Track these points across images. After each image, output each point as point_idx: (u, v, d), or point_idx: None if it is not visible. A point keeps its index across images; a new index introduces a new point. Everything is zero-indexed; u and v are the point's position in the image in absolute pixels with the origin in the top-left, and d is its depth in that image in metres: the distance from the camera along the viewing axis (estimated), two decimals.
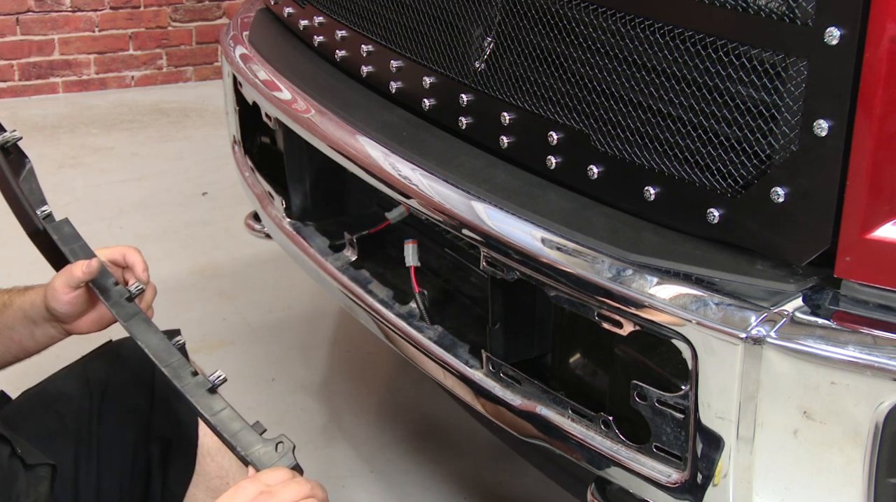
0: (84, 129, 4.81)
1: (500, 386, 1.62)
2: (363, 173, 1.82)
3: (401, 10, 1.86)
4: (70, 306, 1.67)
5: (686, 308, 1.30)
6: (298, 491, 1.35)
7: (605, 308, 1.39)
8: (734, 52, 1.27)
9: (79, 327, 1.72)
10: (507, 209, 1.53)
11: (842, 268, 1.24)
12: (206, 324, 3.11)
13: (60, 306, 1.66)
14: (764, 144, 1.27)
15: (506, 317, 1.63)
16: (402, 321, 1.84)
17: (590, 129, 1.49)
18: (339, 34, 2.07)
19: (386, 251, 2.00)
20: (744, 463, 1.29)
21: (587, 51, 1.47)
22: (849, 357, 1.19)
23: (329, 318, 3.20)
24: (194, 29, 5.46)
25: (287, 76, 2.12)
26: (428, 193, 1.65)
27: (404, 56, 1.86)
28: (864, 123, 1.17)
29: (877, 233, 1.21)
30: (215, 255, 3.57)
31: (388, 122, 1.87)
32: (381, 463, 2.56)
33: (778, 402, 1.24)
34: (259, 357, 2.97)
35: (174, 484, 1.74)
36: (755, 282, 1.29)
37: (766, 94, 1.25)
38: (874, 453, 1.20)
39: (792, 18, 1.21)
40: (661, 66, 1.37)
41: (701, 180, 1.35)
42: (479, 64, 1.67)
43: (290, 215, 2.21)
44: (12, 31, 5.09)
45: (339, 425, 2.69)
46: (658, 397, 1.36)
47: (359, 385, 2.89)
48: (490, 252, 1.54)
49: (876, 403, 1.18)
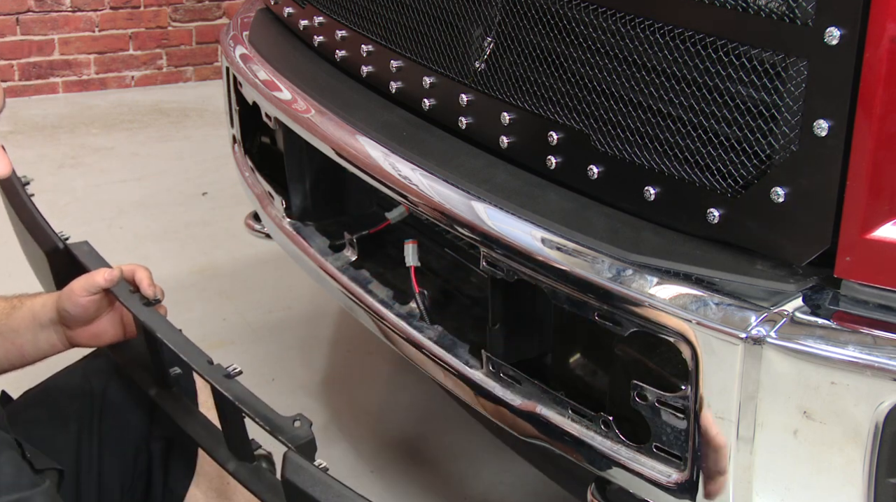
0: (84, 129, 4.80)
1: (500, 386, 1.62)
2: (363, 173, 1.82)
3: (401, 10, 1.86)
4: (83, 310, 1.70)
5: (686, 308, 1.30)
6: None
7: (605, 308, 1.39)
8: (734, 52, 1.27)
9: (80, 336, 1.74)
10: (507, 209, 1.53)
11: (842, 268, 1.24)
12: (206, 324, 3.11)
13: (74, 308, 1.69)
14: (764, 144, 1.27)
15: (506, 317, 1.63)
16: (402, 321, 1.84)
17: (590, 129, 1.49)
18: (339, 34, 2.07)
19: (386, 251, 1.99)
20: (744, 463, 1.29)
21: (587, 51, 1.47)
22: (849, 357, 1.19)
23: (329, 318, 3.20)
24: (194, 29, 5.46)
25: (287, 76, 2.12)
26: (428, 193, 1.65)
27: (404, 56, 1.86)
28: (864, 123, 1.17)
29: (877, 233, 1.21)
30: (215, 255, 3.57)
31: (388, 122, 1.87)
32: (381, 463, 2.56)
33: (778, 402, 1.24)
34: (259, 357, 2.97)
35: (175, 483, 1.75)
36: (755, 282, 1.29)
37: (766, 94, 1.25)
38: (874, 453, 1.20)
39: (792, 18, 1.21)
40: (661, 66, 1.37)
41: (701, 180, 1.35)
42: (479, 64, 1.68)
43: (290, 215, 2.21)
44: (12, 31, 5.09)
45: (339, 425, 2.69)
46: (658, 397, 1.36)
47: (359, 385, 2.89)
48: (490, 252, 1.54)
49: (876, 403, 1.18)
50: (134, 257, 3.51)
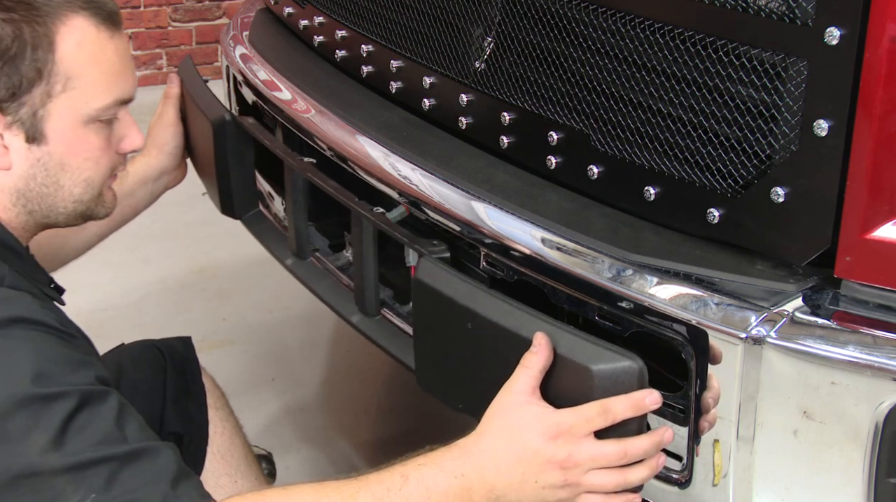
0: None
1: None
2: (363, 173, 1.82)
3: (401, 10, 1.86)
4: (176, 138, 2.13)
5: (686, 308, 1.30)
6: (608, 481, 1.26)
7: (605, 308, 1.39)
8: (734, 52, 1.27)
9: (176, 178, 2.20)
10: (507, 209, 1.54)
11: (842, 268, 1.24)
12: (206, 324, 3.12)
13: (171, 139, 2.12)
14: (764, 144, 1.27)
15: None
16: (402, 321, 1.84)
17: (590, 129, 1.48)
18: (339, 34, 2.07)
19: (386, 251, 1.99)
20: (744, 463, 1.29)
21: (587, 51, 1.47)
22: (849, 357, 1.19)
23: (329, 318, 3.19)
24: (194, 29, 5.46)
25: (287, 76, 2.12)
26: (428, 193, 1.65)
27: (404, 56, 1.86)
28: (864, 123, 1.17)
29: (877, 233, 1.21)
30: (215, 255, 3.57)
31: (388, 122, 1.87)
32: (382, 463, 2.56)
33: (778, 402, 1.24)
34: (259, 357, 2.97)
35: None
36: (755, 282, 1.29)
37: (766, 94, 1.25)
38: (874, 453, 1.20)
39: (792, 18, 1.21)
40: (661, 66, 1.37)
41: (701, 180, 1.35)
42: (479, 64, 1.67)
43: None
44: None
45: (339, 425, 2.69)
46: None
47: (359, 385, 2.89)
48: (490, 252, 1.54)
49: (876, 403, 1.18)
50: (134, 257, 3.52)
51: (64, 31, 1.41)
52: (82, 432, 1.23)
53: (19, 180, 1.46)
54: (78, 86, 1.44)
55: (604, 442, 1.25)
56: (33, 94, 1.41)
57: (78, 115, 1.45)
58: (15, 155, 1.44)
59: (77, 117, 1.45)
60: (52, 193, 1.48)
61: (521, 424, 1.26)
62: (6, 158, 1.44)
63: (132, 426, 1.28)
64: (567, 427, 1.24)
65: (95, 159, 1.50)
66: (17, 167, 1.45)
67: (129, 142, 1.56)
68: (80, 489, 1.20)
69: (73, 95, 1.44)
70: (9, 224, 1.48)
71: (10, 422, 1.22)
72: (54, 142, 1.45)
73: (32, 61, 1.40)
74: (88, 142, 1.48)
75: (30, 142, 1.44)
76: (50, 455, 1.21)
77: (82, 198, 1.51)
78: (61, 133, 1.45)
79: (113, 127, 1.52)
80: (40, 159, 1.45)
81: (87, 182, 1.50)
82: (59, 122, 1.44)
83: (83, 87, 1.44)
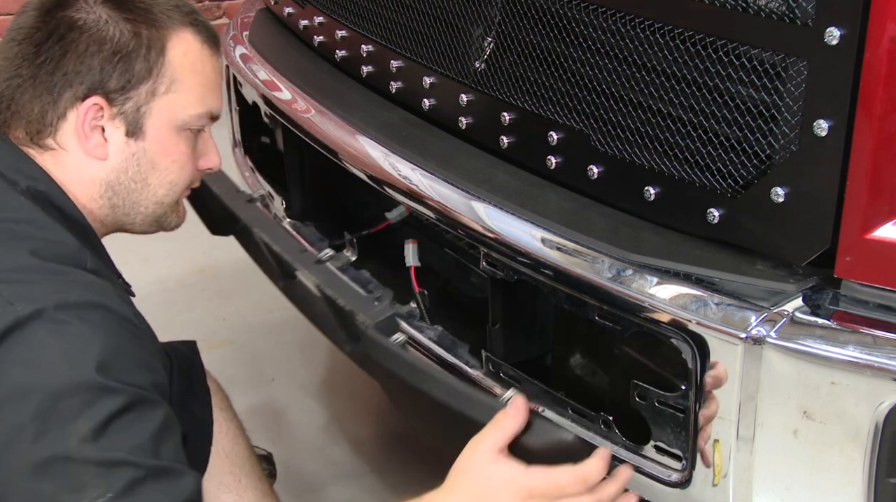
0: None
1: (501, 387, 1.62)
2: (363, 173, 1.82)
3: (401, 10, 1.86)
4: None
5: (686, 308, 1.30)
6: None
7: (605, 308, 1.39)
8: (734, 52, 1.27)
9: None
10: (507, 209, 1.54)
11: (842, 268, 1.24)
12: (206, 324, 3.11)
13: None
14: (764, 144, 1.27)
15: (506, 317, 1.63)
16: (402, 321, 1.84)
17: (590, 129, 1.49)
18: (339, 34, 2.07)
19: (386, 251, 1.99)
20: (744, 463, 1.29)
21: (587, 51, 1.47)
22: (849, 357, 1.20)
23: None
24: None
25: (287, 76, 2.12)
26: (428, 193, 1.65)
27: (404, 56, 1.87)
28: (864, 123, 1.17)
29: (877, 233, 1.21)
30: (215, 255, 3.57)
31: (388, 122, 1.87)
32: (382, 463, 2.56)
33: (778, 402, 1.24)
34: (259, 357, 2.97)
35: None
36: (755, 282, 1.30)
37: (766, 94, 1.25)
38: (874, 453, 1.20)
39: (792, 18, 1.21)
40: (661, 66, 1.37)
41: (701, 180, 1.35)
42: (479, 64, 1.68)
43: (290, 215, 2.21)
44: None
45: (339, 425, 2.69)
46: (658, 397, 1.36)
47: (359, 385, 2.89)
48: (490, 252, 1.54)
49: (876, 403, 1.19)
50: (134, 256, 3.51)
51: (175, 40, 1.52)
52: (122, 432, 1.25)
53: (112, 172, 1.52)
54: (179, 90, 1.52)
55: (578, 497, 1.28)
56: (140, 90, 1.50)
57: (174, 118, 1.53)
58: (113, 146, 1.51)
59: (173, 120, 1.53)
60: (139, 189, 1.55)
61: (491, 485, 1.28)
62: (104, 149, 1.51)
63: (168, 445, 1.30)
64: (541, 490, 1.27)
65: (182, 164, 1.57)
66: (112, 159, 1.51)
67: (208, 161, 1.63)
68: (101, 485, 1.22)
69: (174, 98, 1.52)
70: (90, 215, 1.54)
71: (65, 402, 1.25)
72: (150, 140, 1.52)
73: (145, 60, 1.49)
74: (178, 147, 1.56)
75: (128, 136, 1.51)
76: (88, 445, 1.23)
77: (163, 201, 1.58)
78: (158, 131, 1.52)
79: (198, 140, 1.60)
80: (135, 154, 1.52)
81: (171, 185, 1.57)
82: (157, 121, 1.52)
83: (183, 93, 1.53)
